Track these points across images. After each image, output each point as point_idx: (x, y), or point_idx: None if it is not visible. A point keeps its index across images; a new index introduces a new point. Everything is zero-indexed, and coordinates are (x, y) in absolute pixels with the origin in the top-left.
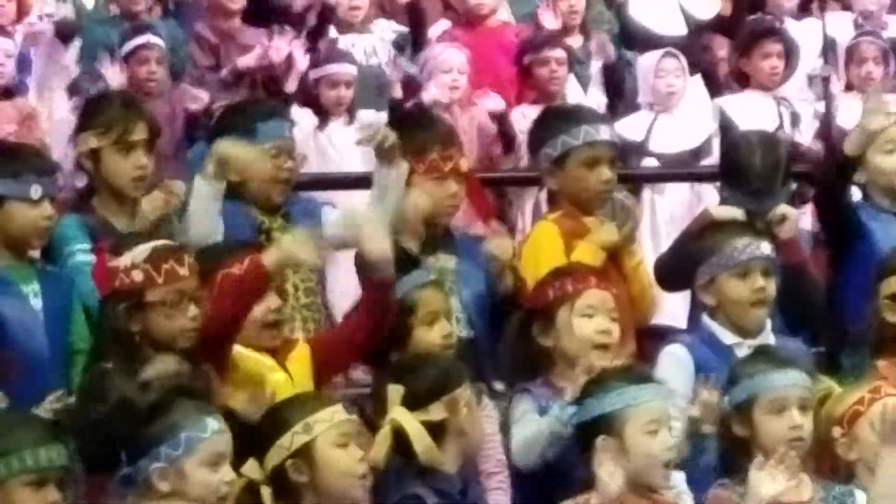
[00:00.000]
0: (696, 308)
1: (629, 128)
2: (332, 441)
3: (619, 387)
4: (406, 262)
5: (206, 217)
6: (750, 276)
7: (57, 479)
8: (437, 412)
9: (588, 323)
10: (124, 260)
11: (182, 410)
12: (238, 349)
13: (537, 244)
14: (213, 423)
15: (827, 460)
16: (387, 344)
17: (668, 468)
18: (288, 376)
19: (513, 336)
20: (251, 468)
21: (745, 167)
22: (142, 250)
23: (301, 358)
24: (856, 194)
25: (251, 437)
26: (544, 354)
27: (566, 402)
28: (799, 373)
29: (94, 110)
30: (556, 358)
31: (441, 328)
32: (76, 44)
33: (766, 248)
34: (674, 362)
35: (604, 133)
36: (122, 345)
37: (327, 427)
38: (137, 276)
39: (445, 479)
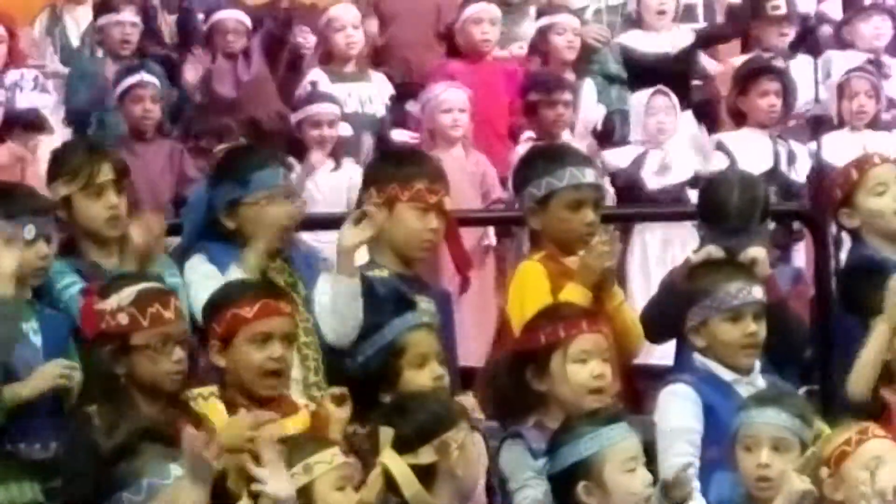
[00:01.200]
0: (682, 347)
1: (618, 157)
2: (332, 483)
3: (591, 430)
4: (399, 302)
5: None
6: (742, 321)
7: None
8: (426, 455)
9: (582, 369)
10: (111, 302)
11: (145, 456)
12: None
13: (523, 285)
14: (175, 470)
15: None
16: (376, 386)
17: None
18: None
19: (503, 377)
20: None
21: (722, 205)
22: (128, 293)
23: (302, 426)
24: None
25: None
26: (536, 396)
27: None
28: (779, 412)
29: (61, 159)
30: (551, 402)
31: (431, 370)
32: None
33: (757, 291)
34: (680, 401)
35: (589, 176)
36: (107, 388)
37: (327, 469)
38: (123, 319)
39: None
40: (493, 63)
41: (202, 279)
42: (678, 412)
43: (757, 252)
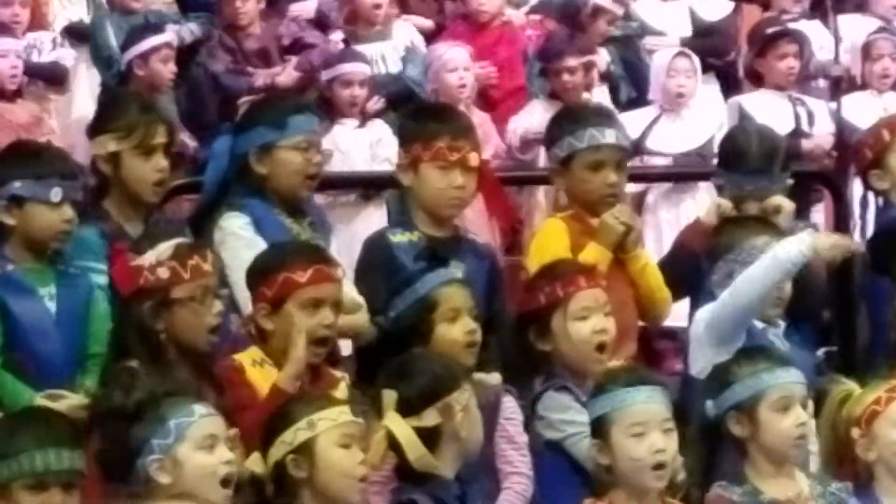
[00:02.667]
0: (697, 306)
1: (629, 122)
2: (335, 440)
3: (609, 390)
4: (432, 259)
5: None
6: None
7: (61, 483)
8: (430, 418)
9: (584, 325)
10: (149, 258)
11: (167, 402)
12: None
13: (544, 241)
14: (200, 408)
15: (848, 463)
16: (407, 341)
17: (661, 470)
18: None
19: (510, 338)
20: (254, 461)
21: (742, 150)
22: (165, 247)
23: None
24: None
25: None
26: (541, 357)
27: None
28: (797, 370)
29: (113, 113)
30: (556, 361)
31: (464, 325)
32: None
33: None
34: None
35: (609, 136)
36: (148, 343)
37: (331, 426)
38: (163, 273)
39: (441, 484)
40: (494, 29)
41: (243, 246)
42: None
43: (782, 200)
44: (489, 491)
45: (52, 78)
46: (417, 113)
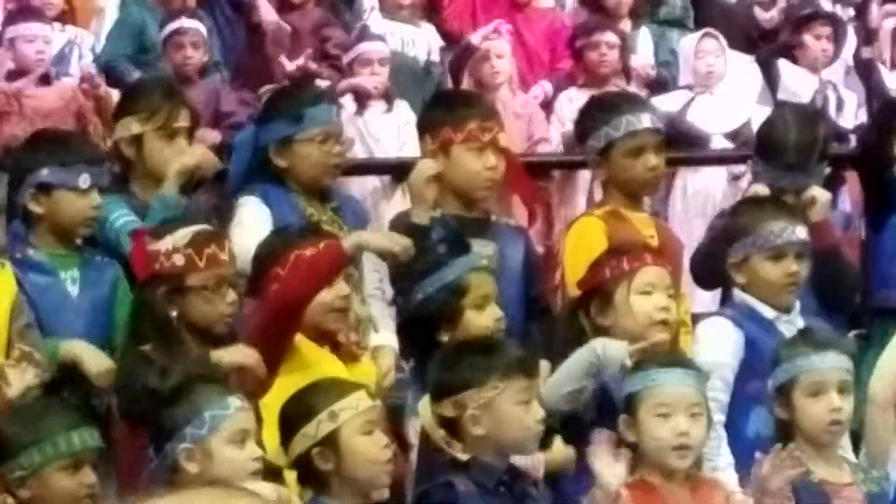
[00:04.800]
0: (727, 294)
1: (666, 102)
2: (358, 429)
3: (644, 369)
4: (458, 244)
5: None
6: (784, 260)
7: (92, 461)
8: (446, 409)
9: (647, 300)
10: (165, 243)
11: (204, 392)
12: (316, 352)
13: (582, 240)
14: (236, 401)
15: None
16: (434, 325)
17: (683, 451)
18: None
19: (566, 318)
20: (276, 455)
21: (780, 142)
22: (183, 234)
23: (366, 375)
24: None
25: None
26: (601, 334)
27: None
28: (838, 355)
29: (137, 96)
30: (615, 337)
31: (492, 312)
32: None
33: (801, 231)
34: (716, 335)
35: (645, 121)
36: (161, 329)
37: (353, 415)
38: (179, 259)
39: (482, 470)
40: (531, 13)
41: (252, 222)
42: (713, 347)
43: (819, 192)
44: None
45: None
46: (440, 99)
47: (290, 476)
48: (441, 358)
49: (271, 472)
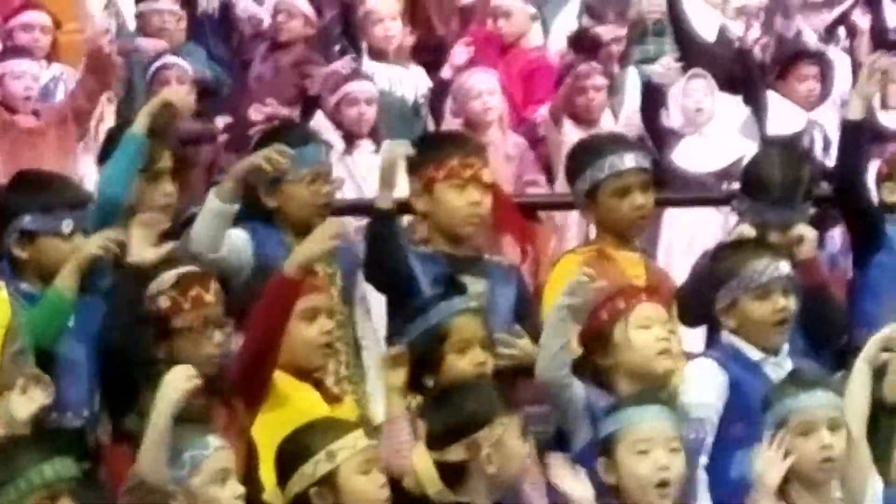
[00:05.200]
0: (713, 332)
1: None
2: (356, 468)
3: (619, 409)
4: (450, 286)
5: (208, 235)
6: (771, 297)
7: (70, 490)
8: (455, 454)
9: (646, 333)
10: (151, 287)
11: (182, 433)
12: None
13: (560, 280)
14: (215, 441)
15: None
16: (420, 369)
17: (664, 488)
18: None
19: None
20: (273, 495)
21: (766, 178)
22: (168, 277)
23: (349, 416)
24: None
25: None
26: (604, 375)
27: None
28: (826, 392)
29: (116, 141)
30: (618, 374)
31: (473, 357)
32: None
33: (784, 267)
34: (701, 374)
35: (629, 161)
36: (148, 370)
37: (350, 454)
38: (164, 302)
39: None
40: (519, 51)
41: (232, 240)
42: (698, 387)
43: (805, 230)
44: None
45: None
46: (425, 139)
47: None
48: (439, 403)
49: None
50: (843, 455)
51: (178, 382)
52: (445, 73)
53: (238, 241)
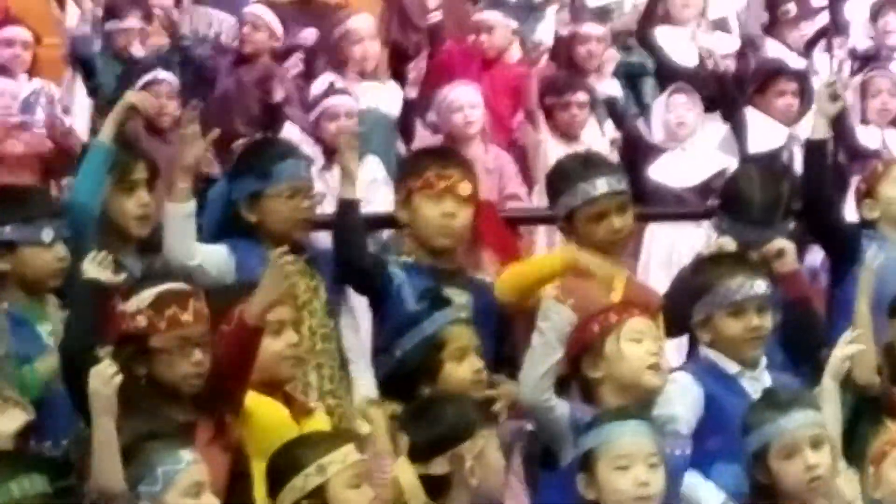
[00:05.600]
0: (693, 343)
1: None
2: (346, 482)
3: (598, 425)
4: (437, 299)
5: (176, 240)
6: (745, 315)
7: None
8: (438, 467)
9: (637, 346)
10: (130, 304)
11: (154, 448)
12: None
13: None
14: (187, 455)
15: None
16: (415, 380)
17: (644, 501)
18: None
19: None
20: None
21: (745, 199)
22: (147, 295)
23: (319, 429)
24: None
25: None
26: (593, 387)
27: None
28: (804, 411)
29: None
30: (605, 388)
31: (471, 364)
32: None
33: (760, 285)
34: (677, 388)
35: (601, 186)
36: (129, 387)
37: (341, 468)
38: (141, 321)
39: None
40: (502, 66)
41: (209, 252)
42: (673, 401)
43: (784, 243)
44: None
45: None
46: (411, 154)
47: None
48: (419, 416)
49: None
50: (829, 469)
51: (100, 388)
52: (410, 92)
53: (218, 256)
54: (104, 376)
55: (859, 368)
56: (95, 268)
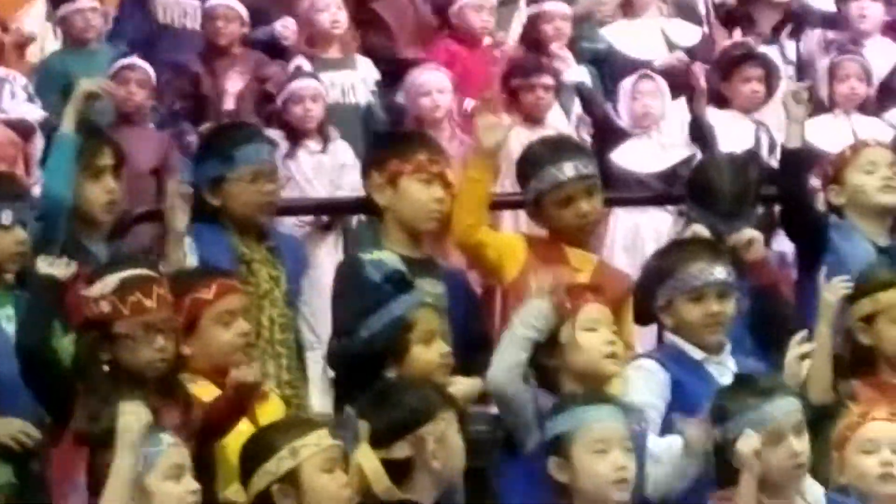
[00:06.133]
0: (661, 332)
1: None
2: (319, 466)
3: (570, 408)
4: (400, 282)
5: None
6: (705, 300)
7: (5, 497)
8: (400, 451)
9: (593, 336)
10: (94, 290)
11: None
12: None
13: (496, 233)
14: (168, 437)
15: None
16: (383, 361)
17: (623, 483)
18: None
19: None
20: (235, 492)
21: (713, 188)
22: (110, 281)
23: (274, 413)
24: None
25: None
26: (551, 375)
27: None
28: (787, 398)
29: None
30: (563, 375)
31: (439, 347)
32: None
33: (720, 271)
34: (643, 376)
35: (569, 170)
36: (91, 375)
37: (314, 452)
38: (105, 307)
39: None
40: (488, 48)
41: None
42: (640, 387)
43: (752, 233)
44: None
45: (19, 133)
46: (386, 136)
47: None
48: (378, 402)
49: None
50: (808, 456)
51: (131, 425)
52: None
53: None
54: (137, 414)
55: (814, 389)
56: (48, 265)
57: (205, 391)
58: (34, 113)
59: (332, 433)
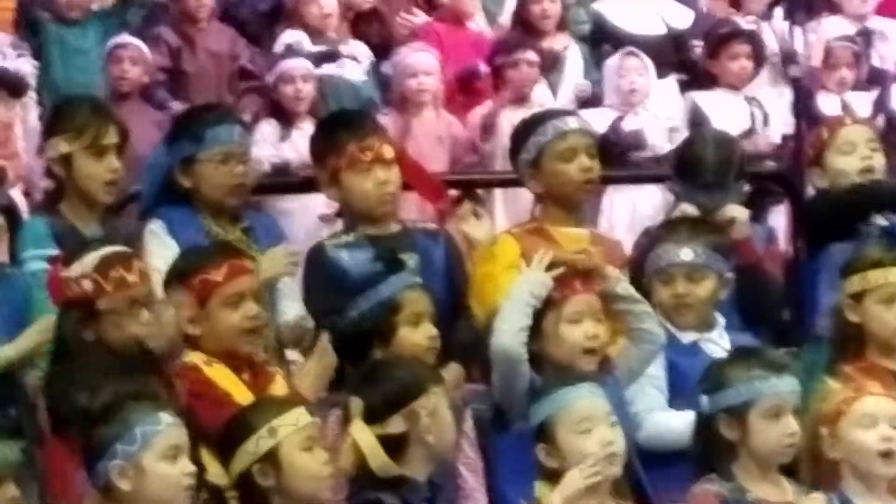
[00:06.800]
0: None
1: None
2: (298, 444)
3: (549, 392)
4: (392, 262)
5: None
6: (672, 282)
7: (14, 476)
8: (395, 425)
9: (576, 329)
10: (74, 269)
11: (134, 408)
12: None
13: (494, 260)
14: (167, 417)
15: (815, 460)
16: (368, 342)
17: (613, 457)
18: None
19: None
20: (216, 474)
21: (697, 161)
22: (91, 259)
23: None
24: None
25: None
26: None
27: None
28: (793, 378)
29: (64, 115)
30: (543, 362)
31: (426, 329)
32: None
33: (688, 253)
34: None
35: (573, 123)
36: (76, 353)
37: (293, 431)
38: (87, 285)
39: (412, 487)
40: (474, 29)
41: (159, 249)
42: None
43: (736, 210)
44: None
45: (13, 88)
46: (321, 126)
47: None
48: (370, 378)
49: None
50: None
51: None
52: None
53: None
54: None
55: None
56: None
57: (219, 373)
58: (26, 66)
59: (311, 411)
